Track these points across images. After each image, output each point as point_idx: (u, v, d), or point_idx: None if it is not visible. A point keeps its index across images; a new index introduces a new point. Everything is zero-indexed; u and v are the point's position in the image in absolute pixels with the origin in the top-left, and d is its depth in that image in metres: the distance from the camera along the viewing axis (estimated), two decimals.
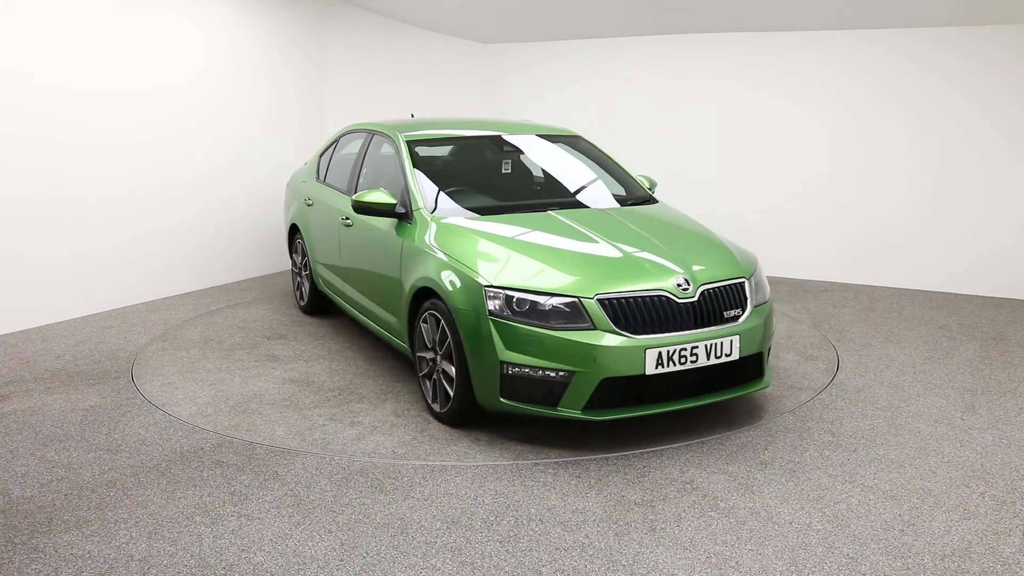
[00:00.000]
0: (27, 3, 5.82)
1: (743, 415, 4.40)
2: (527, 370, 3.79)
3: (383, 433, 4.19)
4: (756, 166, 8.13)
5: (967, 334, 5.98)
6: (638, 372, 3.76)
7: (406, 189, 4.86)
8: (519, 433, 4.15)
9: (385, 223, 4.89)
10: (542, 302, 3.80)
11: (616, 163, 5.55)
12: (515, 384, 3.84)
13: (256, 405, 4.61)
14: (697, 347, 3.84)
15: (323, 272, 6.02)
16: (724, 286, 4.07)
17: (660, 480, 3.64)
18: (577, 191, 5.33)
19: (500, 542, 3.13)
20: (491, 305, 3.85)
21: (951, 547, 3.09)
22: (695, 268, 4.07)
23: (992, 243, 7.16)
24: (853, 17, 7.30)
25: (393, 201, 4.71)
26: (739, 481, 3.63)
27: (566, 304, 3.79)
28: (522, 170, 5.53)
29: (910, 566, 2.97)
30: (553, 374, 3.76)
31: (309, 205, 6.22)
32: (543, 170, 5.58)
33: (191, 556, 3.02)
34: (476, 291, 3.92)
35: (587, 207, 4.91)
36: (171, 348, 5.67)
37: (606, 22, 8.24)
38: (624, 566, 2.97)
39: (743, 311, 4.09)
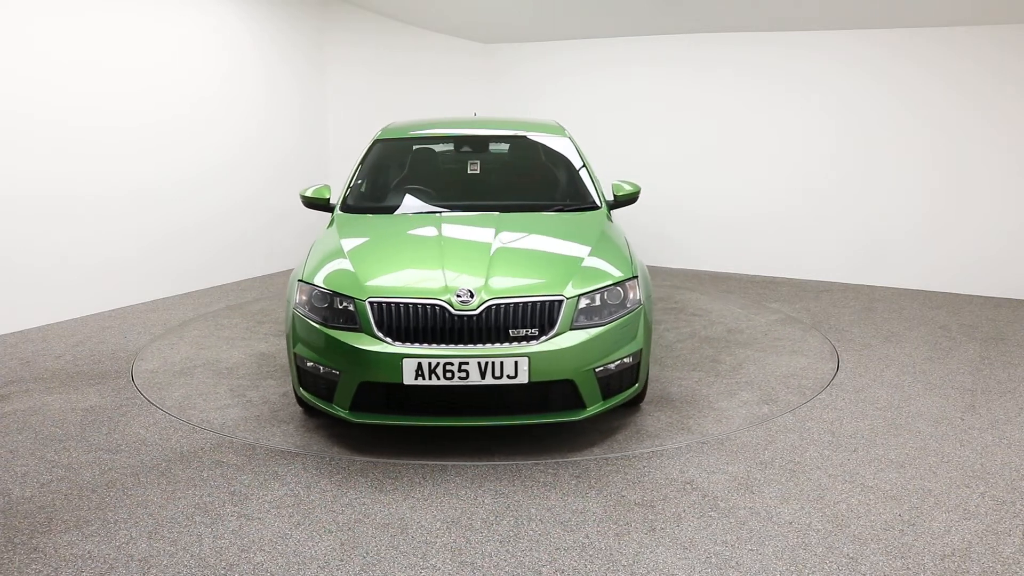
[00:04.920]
0: (28, 2, 5.82)
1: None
2: (313, 364, 3.90)
3: (246, 408, 4.47)
4: (756, 166, 8.13)
5: (967, 334, 5.98)
6: (396, 380, 3.67)
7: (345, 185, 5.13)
8: (326, 422, 4.27)
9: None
10: (332, 300, 3.89)
11: (586, 165, 5.22)
12: (307, 377, 3.99)
13: (200, 371, 4.99)
14: (468, 364, 3.62)
15: None
16: (520, 303, 3.73)
17: (660, 480, 3.64)
18: (507, 194, 5.13)
19: (500, 542, 3.13)
20: (296, 298, 4.03)
21: (951, 547, 3.09)
22: (493, 282, 3.80)
23: (992, 243, 7.16)
24: (853, 17, 7.30)
25: (326, 196, 4.99)
26: (739, 481, 3.63)
27: (347, 304, 3.84)
28: (482, 171, 5.35)
29: (910, 566, 2.96)
30: (328, 371, 3.85)
31: None
32: (503, 172, 5.48)
33: (191, 556, 3.02)
34: (294, 285, 4.12)
35: (489, 212, 4.68)
36: (225, 314, 6.19)
37: (606, 22, 8.24)
38: (624, 566, 2.96)
39: (545, 332, 3.73)
